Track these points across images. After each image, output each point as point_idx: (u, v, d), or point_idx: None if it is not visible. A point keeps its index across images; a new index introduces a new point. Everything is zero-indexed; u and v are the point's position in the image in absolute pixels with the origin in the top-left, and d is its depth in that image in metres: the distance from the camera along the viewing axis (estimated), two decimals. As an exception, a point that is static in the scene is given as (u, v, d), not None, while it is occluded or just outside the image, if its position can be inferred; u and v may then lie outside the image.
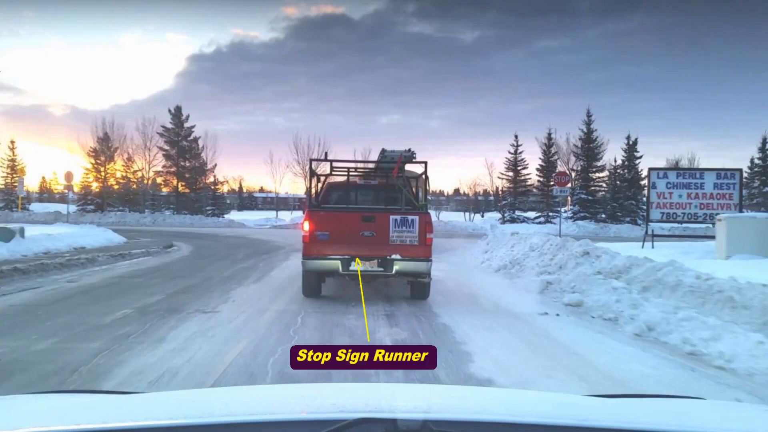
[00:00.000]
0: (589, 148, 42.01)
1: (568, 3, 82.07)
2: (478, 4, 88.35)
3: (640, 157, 46.40)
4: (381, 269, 8.16)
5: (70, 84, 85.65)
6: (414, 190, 9.77)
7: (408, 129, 78.76)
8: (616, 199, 42.89)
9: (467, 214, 50.92)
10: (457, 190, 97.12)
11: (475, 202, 62.61)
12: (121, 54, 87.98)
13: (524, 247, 12.73)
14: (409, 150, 8.75)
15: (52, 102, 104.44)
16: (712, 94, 76.06)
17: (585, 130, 42.26)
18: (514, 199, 43.96)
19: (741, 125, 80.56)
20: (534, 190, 44.56)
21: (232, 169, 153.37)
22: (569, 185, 19.32)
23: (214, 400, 1.77)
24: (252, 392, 2.22)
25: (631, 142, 45.81)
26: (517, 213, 43.97)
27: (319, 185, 9.83)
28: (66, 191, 29.63)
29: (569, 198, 35.18)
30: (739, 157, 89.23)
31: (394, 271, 8.14)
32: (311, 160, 10.03)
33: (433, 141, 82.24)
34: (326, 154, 10.31)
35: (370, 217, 8.27)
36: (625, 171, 45.01)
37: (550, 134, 43.38)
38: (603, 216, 41.76)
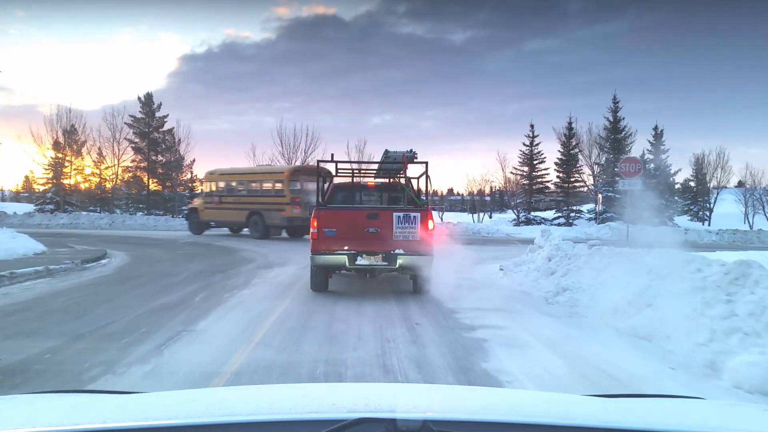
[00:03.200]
0: (616, 139, 36.81)
1: (558, 5, 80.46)
2: (468, 5, 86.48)
3: (667, 150, 41.46)
4: (385, 263, 8.45)
5: (61, 84, 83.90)
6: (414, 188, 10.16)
7: (400, 129, 77.10)
8: (644, 197, 37.83)
9: (475, 215, 45.61)
10: (450, 190, 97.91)
11: (472, 202, 57.18)
12: (113, 54, 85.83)
13: (640, 274, 7.45)
14: (411, 150, 9.02)
15: (42, 102, 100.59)
16: (703, 95, 74.04)
17: (611, 118, 37.08)
18: (529, 198, 38.70)
19: (736, 125, 79.41)
20: (551, 186, 39.25)
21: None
22: (640, 175, 14.06)
23: (215, 400, 1.73)
24: (252, 392, 2.13)
25: (657, 132, 40.84)
26: (533, 213, 38.70)
27: (325, 186, 9.90)
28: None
29: (600, 196, 30.03)
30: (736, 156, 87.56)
31: (397, 265, 8.44)
32: (318, 161, 9.85)
33: (426, 141, 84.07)
34: (332, 155, 10.01)
35: (375, 215, 8.57)
36: (652, 165, 40.00)
37: (570, 123, 38.08)
38: (634, 218, 36.69)
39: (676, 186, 44.82)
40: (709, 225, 49.91)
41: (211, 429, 1.30)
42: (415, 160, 9.12)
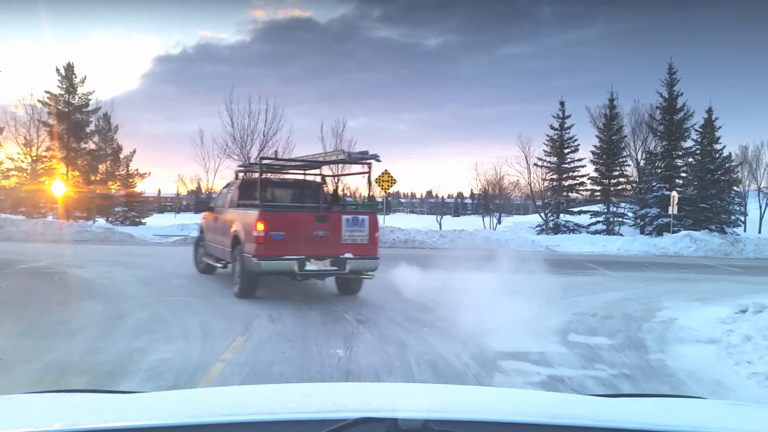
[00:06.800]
0: (671, 122, 28.28)
1: (530, 11, 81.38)
2: (441, 10, 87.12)
3: (719, 139, 33.18)
4: (335, 268, 8.18)
5: (34, 84, 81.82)
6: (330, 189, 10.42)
7: (376, 132, 78.35)
8: (705, 198, 29.45)
9: (486, 218, 36.68)
10: (429, 193, 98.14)
11: (456, 205, 54.86)
12: (87, 55, 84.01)
13: None
14: (366, 152, 8.79)
15: (13, 103, 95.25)
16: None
17: (665, 95, 28.54)
18: (559, 198, 29.91)
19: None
20: (587, 182, 30.42)
21: (194, 169, 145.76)
22: None
23: (216, 400, 1.67)
24: (253, 392, 2.03)
25: (713, 118, 32.54)
26: (563, 217, 29.95)
27: (239, 182, 9.73)
28: None
29: (674, 194, 21.43)
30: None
31: (347, 270, 8.21)
32: (261, 158, 10.20)
33: (402, 144, 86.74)
34: (276, 153, 11.99)
35: (324, 217, 8.31)
36: (707, 159, 31.74)
37: (612, 101, 29.32)
38: (689, 222, 28.36)
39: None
40: (744, 231, 42.12)
41: (212, 429, 1.27)
42: (360, 161, 8.92)
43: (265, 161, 9.09)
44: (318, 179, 10.78)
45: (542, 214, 29.92)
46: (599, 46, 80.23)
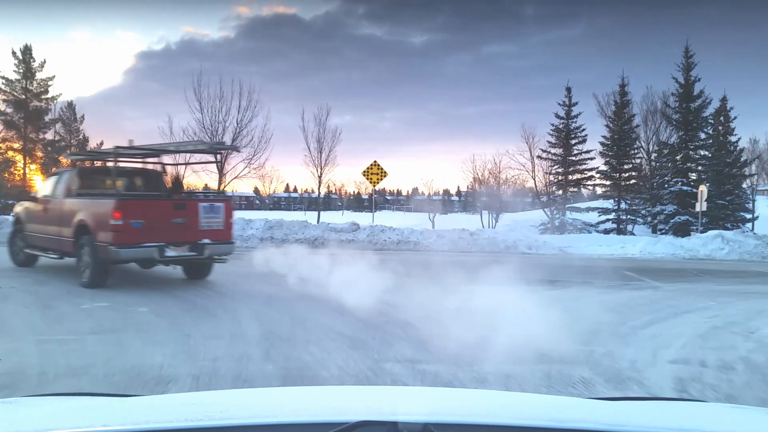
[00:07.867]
0: (688, 110, 25.78)
1: (513, 10, 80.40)
2: (426, 9, 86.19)
3: (734, 131, 30.85)
4: (194, 253, 8.37)
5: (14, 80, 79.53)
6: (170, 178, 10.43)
7: (360, 130, 78.63)
8: (722, 194, 27.06)
9: (484, 215, 33.98)
10: (415, 189, 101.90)
11: (443, 202, 57.44)
12: (69, 51, 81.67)
13: None
14: (224, 142, 10.87)
15: None
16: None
17: (681, 80, 26.02)
18: (565, 193, 27.34)
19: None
20: (596, 176, 27.72)
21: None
22: None
23: (215, 403, 1.63)
24: (253, 395, 2.01)
25: (727, 108, 30.21)
26: (569, 215, 27.37)
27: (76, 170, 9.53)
28: None
29: (702, 189, 18.96)
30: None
31: (206, 255, 8.44)
32: (117, 147, 9.06)
33: (386, 142, 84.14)
34: (131, 141, 9.21)
35: (182, 205, 8.52)
36: (723, 151, 29.38)
37: (623, 87, 26.71)
38: (705, 219, 25.97)
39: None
40: (752, 229, 40.00)
41: None
42: (219, 151, 10.21)
43: (120, 149, 9.03)
44: (179, 167, 11.24)
45: (547, 211, 27.36)
46: (580, 44, 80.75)
